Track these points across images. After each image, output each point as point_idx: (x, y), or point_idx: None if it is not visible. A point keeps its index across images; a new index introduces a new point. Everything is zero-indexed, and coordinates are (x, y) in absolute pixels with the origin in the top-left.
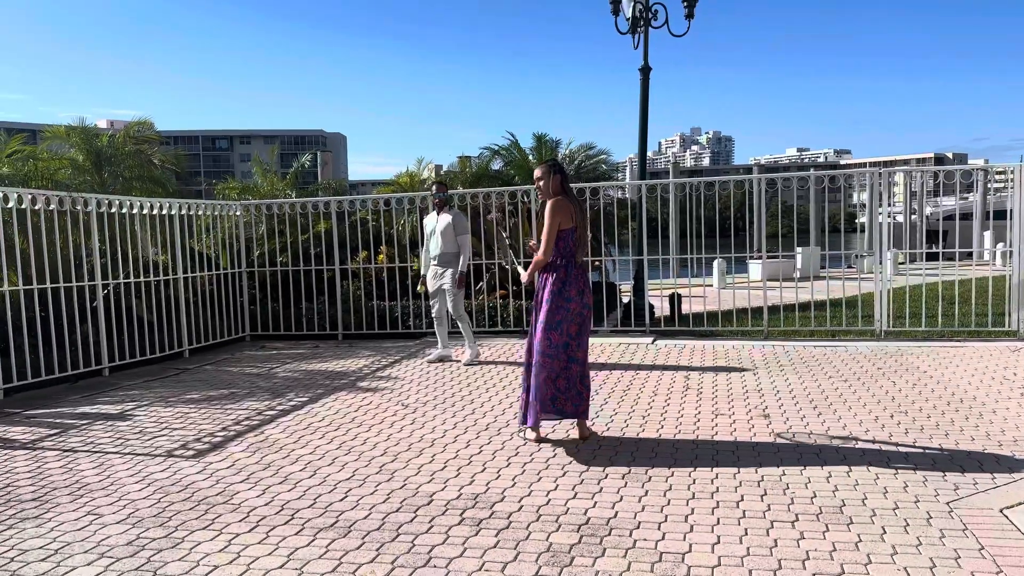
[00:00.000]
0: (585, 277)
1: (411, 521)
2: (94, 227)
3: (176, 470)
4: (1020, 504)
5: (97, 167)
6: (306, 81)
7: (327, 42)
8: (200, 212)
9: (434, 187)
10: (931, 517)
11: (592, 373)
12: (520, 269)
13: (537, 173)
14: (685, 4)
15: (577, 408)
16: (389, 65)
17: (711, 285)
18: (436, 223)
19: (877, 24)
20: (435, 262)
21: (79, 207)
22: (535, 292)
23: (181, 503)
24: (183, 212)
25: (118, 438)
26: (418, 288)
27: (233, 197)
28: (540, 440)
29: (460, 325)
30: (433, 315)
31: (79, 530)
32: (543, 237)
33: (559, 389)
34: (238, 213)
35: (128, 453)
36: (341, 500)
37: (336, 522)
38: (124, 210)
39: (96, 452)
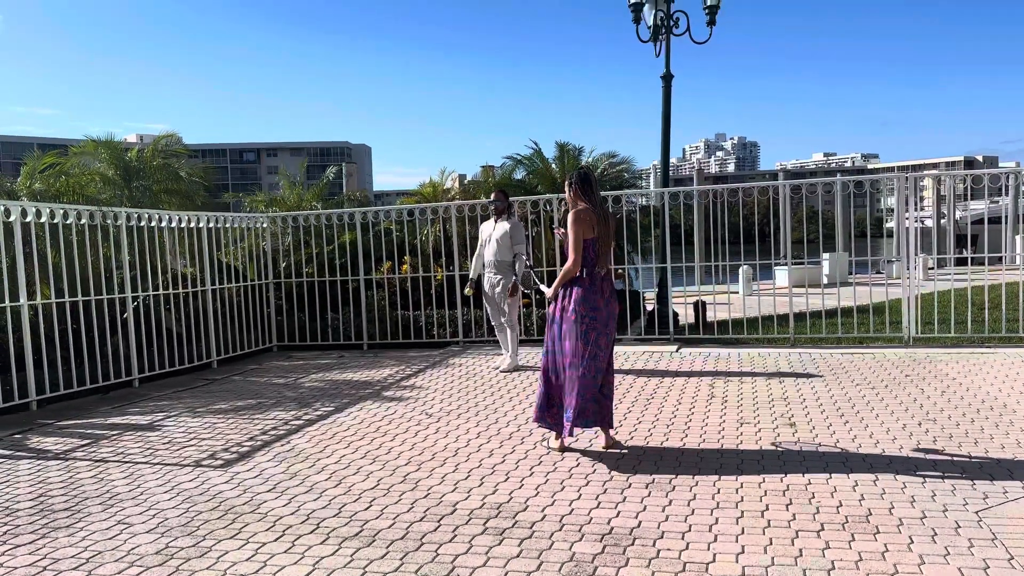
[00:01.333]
0: (610, 285)
1: (435, 530)
2: (124, 240)
3: (204, 480)
4: None
5: (126, 181)
6: (332, 93)
7: (353, 53)
8: (227, 225)
9: (492, 194)
10: (959, 527)
11: (616, 381)
12: (543, 286)
13: (566, 185)
14: (707, 11)
15: (602, 418)
16: (413, 75)
17: (736, 292)
18: (493, 230)
19: (903, 26)
20: (492, 270)
21: (109, 221)
22: (556, 301)
23: (209, 512)
24: (211, 225)
25: (148, 448)
26: (465, 291)
27: (260, 209)
28: (564, 449)
29: (508, 333)
30: (492, 323)
31: (109, 539)
32: (570, 249)
33: (587, 399)
34: (265, 225)
35: (157, 463)
36: (366, 509)
37: (361, 531)
38: (153, 223)
39: (126, 462)
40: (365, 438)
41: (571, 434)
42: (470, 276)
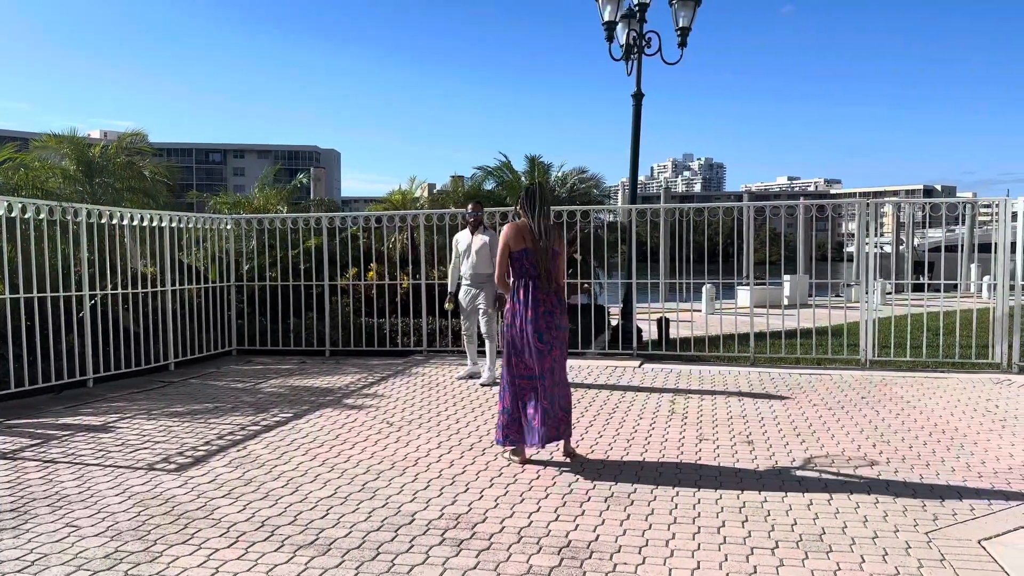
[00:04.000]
0: (552, 299)
1: (391, 540)
2: (83, 237)
3: (157, 484)
4: (998, 536)
5: (88, 177)
6: (302, 96)
7: (325, 58)
8: (190, 225)
9: (470, 206)
10: (910, 547)
11: (579, 395)
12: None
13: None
14: (678, 32)
15: (557, 431)
16: (385, 82)
17: (699, 310)
18: (471, 242)
19: (870, 55)
20: (468, 282)
21: (68, 217)
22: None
23: (161, 517)
24: (173, 224)
25: (100, 450)
26: (445, 305)
27: (225, 211)
28: (525, 462)
29: (487, 344)
30: (463, 333)
31: (56, 541)
32: (497, 259)
33: (532, 413)
34: (229, 227)
35: (109, 465)
36: (322, 518)
37: (316, 539)
38: (114, 221)
39: (77, 464)
40: (324, 446)
41: (499, 443)
42: (450, 289)
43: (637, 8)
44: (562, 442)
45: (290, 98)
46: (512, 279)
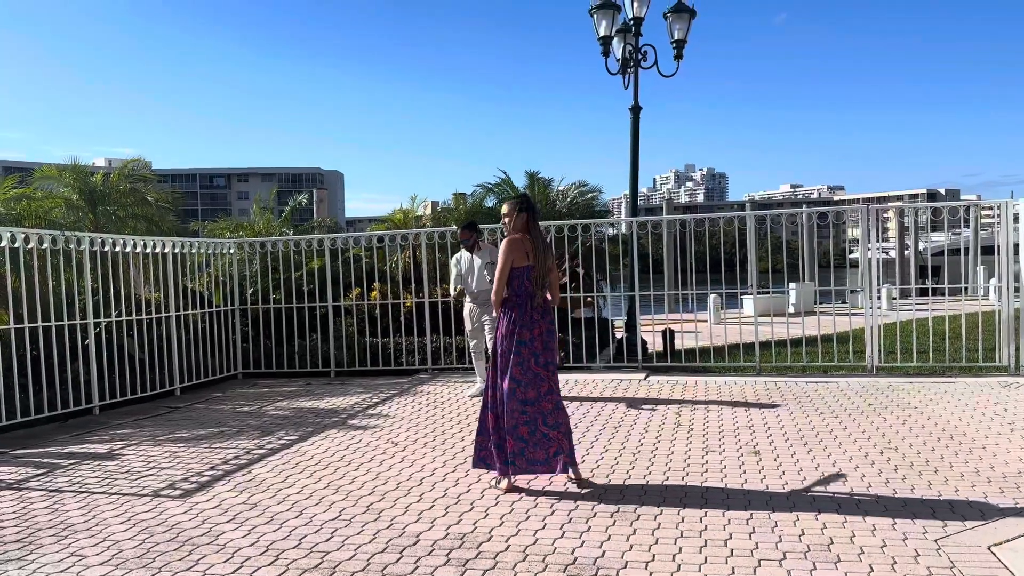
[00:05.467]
0: (546, 317)
1: (396, 562)
2: (87, 265)
3: (162, 510)
4: (1008, 541)
5: (91, 205)
6: (304, 119)
7: (326, 79)
8: (194, 250)
9: (459, 233)
10: (919, 555)
11: (584, 409)
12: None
13: (505, 209)
14: (674, 45)
15: (554, 454)
16: (387, 101)
17: (705, 320)
18: (472, 262)
19: (868, 60)
20: (472, 300)
21: (72, 246)
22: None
23: (166, 544)
24: (176, 250)
25: (105, 478)
26: (451, 292)
27: (224, 236)
28: (512, 489)
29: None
30: (472, 351)
31: (61, 571)
32: (496, 276)
33: (521, 437)
34: (232, 251)
35: (115, 493)
36: (327, 540)
37: (321, 563)
38: (117, 248)
39: (82, 492)
40: (328, 467)
41: (508, 475)
42: (452, 292)
43: (632, 22)
44: (570, 469)
45: (293, 121)
46: (507, 297)
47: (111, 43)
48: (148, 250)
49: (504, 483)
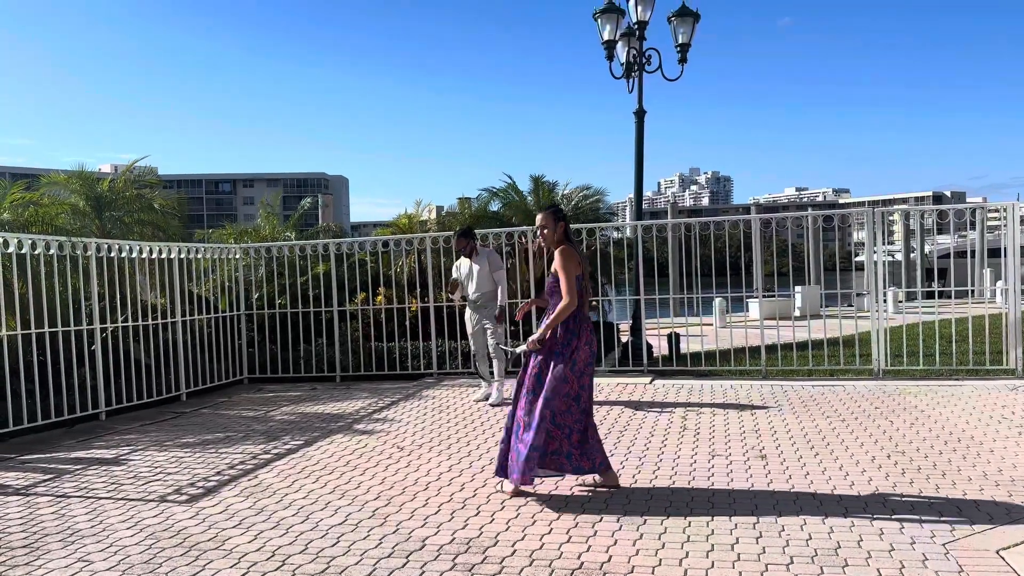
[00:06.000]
0: (590, 324)
1: (402, 567)
2: (93, 271)
3: (168, 515)
4: (1017, 545)
5: (97, 212)
6: (310, 124)
7: (332, 83)
8: (199, 255)
9: (454, 241)
10: (927, 559)
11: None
12: (521, 346)
13: (540, 220)
14: (678, 49)
15: (594, 462)
16: (391, 106)
17: (711, 324)
18: (470, 267)
19: (873, 63)
20: (473, 306)
21: (78, 251)
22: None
23: (172, 549)
24: (182, 256)
25: (112, 483)
26: (450, 282)
27: (228, 242)
28: (518, 494)
29: (495, 364)
30: (474, 355)
31: None
32: (564, 286)
33: (573, 444)
34: (237, 256)
35: (121, 498)
36: (333, 545)
37: (327, 568)
38: (123, 254)
39: (89, 497)
40: (334, 472)
41: (531, 482)
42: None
43: (636, 26)
44: (603, 472)
45: (298, 126)
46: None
47: (116, 49)
48: (154, 255)
49: (526, 487)
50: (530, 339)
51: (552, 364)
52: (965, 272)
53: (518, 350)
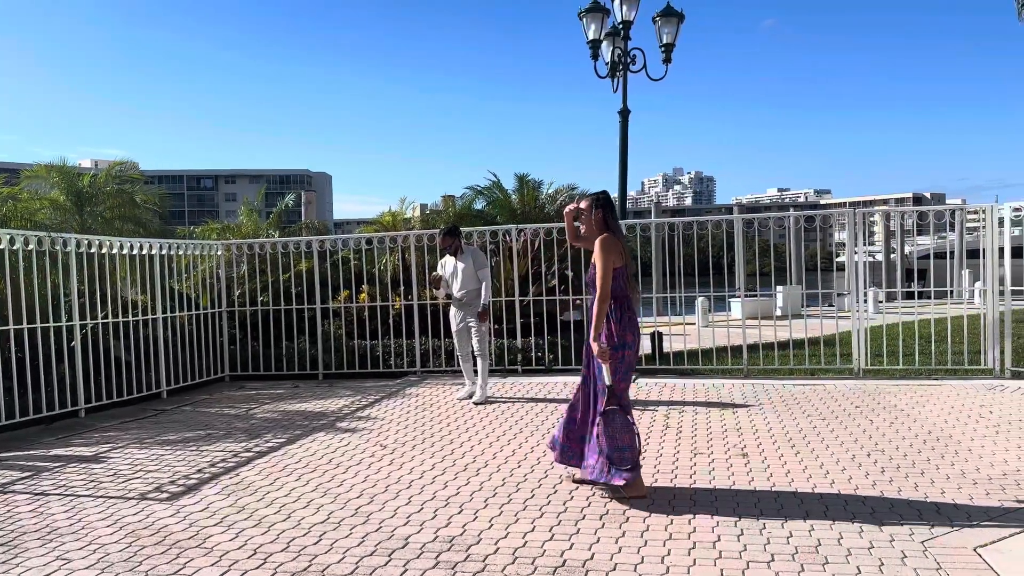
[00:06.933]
0: (636, 318)
1: (385, 565)
2: (73, 267)
3: (149, 513)
4: (994, 543)
5: (78, 207)
6: (292, 120)
7: (316, 80)
8: (181, 252)
9: (439, 239)
10: (906, 556)
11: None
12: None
13: (583, 205)
14: (662, 49)
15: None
16: (375, 103)
17: (693, 323)
18: (455, 265)
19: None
20: (457, 303)
21: (58, 247)
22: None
23: (152, 547)
24: (163, 252)
25: (91, 481)
26: (431, 277)
27: (212, 238)
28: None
29: (479, 363)
30: (458, 353)
31: (47, 575)
32: (599, 279)
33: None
34: (219, 253)
35: (100, 496)
36: (315, 544)
37: (309, 566)
38: (104, 250)
39: (68, 495)
40: (317, 470)
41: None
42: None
43: (621, 26)
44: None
45: (280, 122)
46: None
47: (97, 44)
48: (135, 251)
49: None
50: (595, 353)
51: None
52: (944, 273)
53: (606, 377)
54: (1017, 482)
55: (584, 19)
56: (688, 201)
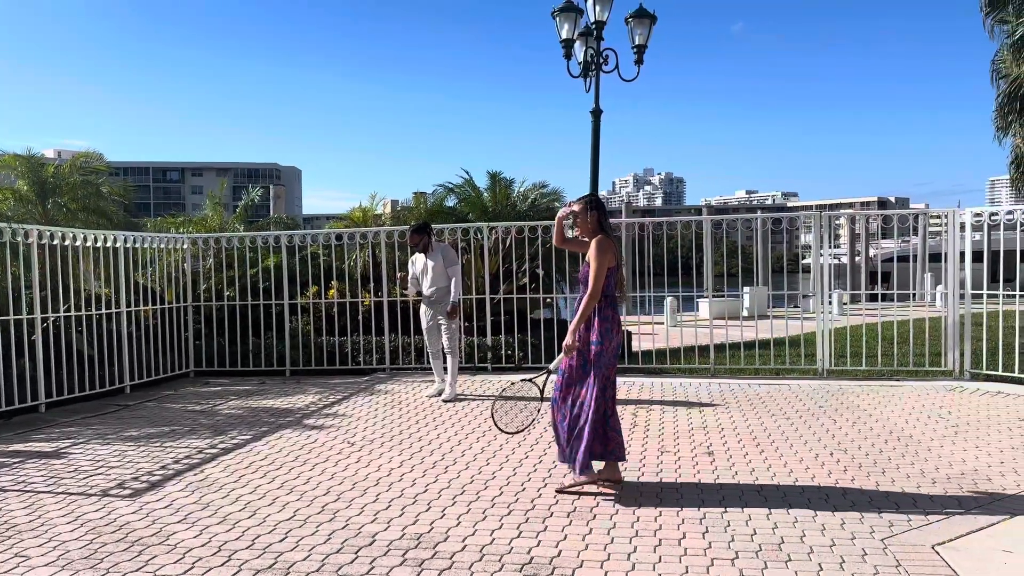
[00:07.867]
0: (619, 316)
1: (351, 562)
2: (35, 259)
3: (111, 510)
4: (951, 540)
5: (41, 198)
6: (262, 113)
7: (285, 73)
8: (146, 245)
9: (408, 237)
10: (866, 554)
11: (543, 409)
12: (558, 358)
13: (576, 207)
14: (635, 50)
15: (619, 448)
16: (346, 98)
17: (662, 323)
18: (425, 263)
19: (822, 69)
20: (427, 300)
21: (19, 238)
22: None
23: (114, 544)
24: (128, 245)
25: (51, 477)
26: (399, 277)
27: (175, 231)
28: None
29: (449, 359)
30: (428, 351)
31: (4, 573)
32: (592, 279)
33: (595, 437)
34: (185, 247)
35: (61, 492)
36: (280, 541)
37: (275, 563)
38: (67, 242)
39: (27, 492)
40: (283, 468)
41: (582, 472)
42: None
43: (594, 26)
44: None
45: (250, 116)
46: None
47: (61, 33)
48: (99, 244)
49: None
50: (564, 344)
51: (589, 361)
52: (907, 276)
53: (552, 366)
54: (975, 481)
55: (557, 18)
56: (659, 202)
